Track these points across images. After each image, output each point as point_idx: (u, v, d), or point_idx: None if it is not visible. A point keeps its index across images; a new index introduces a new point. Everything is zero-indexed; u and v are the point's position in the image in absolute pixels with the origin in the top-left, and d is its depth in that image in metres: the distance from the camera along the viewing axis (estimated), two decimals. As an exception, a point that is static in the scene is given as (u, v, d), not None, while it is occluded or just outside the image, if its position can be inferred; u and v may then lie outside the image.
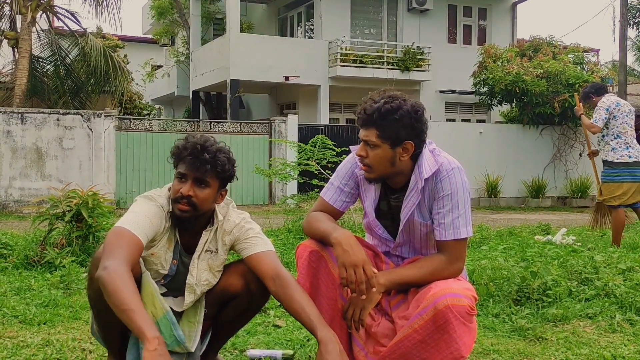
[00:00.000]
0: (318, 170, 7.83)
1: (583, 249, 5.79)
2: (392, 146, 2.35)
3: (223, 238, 2.52)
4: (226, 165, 2.41)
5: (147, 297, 2.36)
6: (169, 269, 2.49)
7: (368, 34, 19.59)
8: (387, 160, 2.36)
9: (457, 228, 2.37)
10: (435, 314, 2.19)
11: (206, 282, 2.53)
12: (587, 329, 3.50)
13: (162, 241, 2.45)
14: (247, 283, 2.50)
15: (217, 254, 2.53)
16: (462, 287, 2.29)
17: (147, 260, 2.45)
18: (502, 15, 20.77)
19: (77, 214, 5.15)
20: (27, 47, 14.27)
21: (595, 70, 16.16)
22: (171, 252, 2.48)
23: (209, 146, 2.38)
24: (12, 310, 3.66)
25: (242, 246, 2.49)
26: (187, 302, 2.52)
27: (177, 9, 21.08)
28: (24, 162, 12.22)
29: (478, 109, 19.68)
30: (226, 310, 2.60)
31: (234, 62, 17.30)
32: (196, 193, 2.37)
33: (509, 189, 16.10)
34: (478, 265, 4.53)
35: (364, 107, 2.39)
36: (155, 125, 14.03)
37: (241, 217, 2.54)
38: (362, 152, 2.38)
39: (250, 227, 2.51)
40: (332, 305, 2.42)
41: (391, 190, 2.50)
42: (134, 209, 2.37)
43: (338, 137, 13.89)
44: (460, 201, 2.37)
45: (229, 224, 2.51)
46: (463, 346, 2.20)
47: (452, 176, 2.37)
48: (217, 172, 2.38)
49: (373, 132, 2.35)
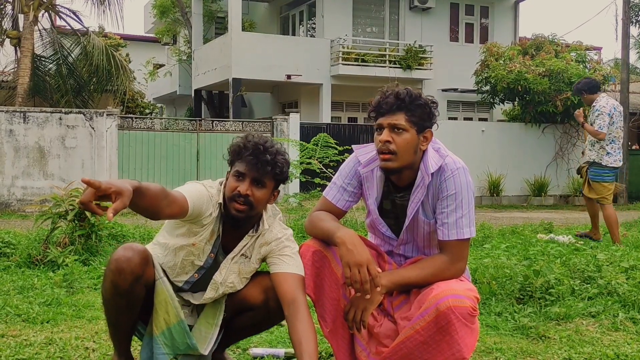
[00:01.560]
0: (320, 168, 7.83)
1: (586, 247, 5.79)
2: (418, 132, 2.37)
3: (260, 248, 2.51)
4: (284, 167, 2.42)
5: (160, 304, 2.37)
6: (204, 262, 2.48)
7: (370, 32, 19.58)
8: (412, 147, 2.37)
9: (460, 228, 2.37)
10: (437, 315, 2.19)
11: (231, 285, 2.52)
12: (590, 328, 3.50)
13: (206, 233, 2.43)
14: (268, 299, 2.49)
15: (249, 261, 2.52)
16: (464, 288, 2.29)
17: (185, 251, 2.44)
18: (504, 13, 20.74)
19: (79, 213, 5.16)
20: (30, 46, 14.28)
21: (598, 68, 16.12)
22: (210, 246, 2.46)
23: (269, 147, 2.38)
24: (15, 309, 3.67)
25: (273, 260, 2.46)
26: (206, 296, 2.51)
27: (179, 7, 21.08)
28: (27, 161, 12.24)
29: (480, 107, 19.65)
30: (241, 318, 2.60)
31: (236, 61, 17.30)
32: (254, 192, 2.36)
33: (512, 187, 16.08)
34: (480, 264, 4.52)
35: (388, 94, 2.39)
36: (157, 124, 14.03)
37: (284, 232, 2.53)
38: (389, 138, 2.35)
39: (288, 244, 2.49)
40: (335, 305, 2.42)
41: (396, 189, 2.50)
42: (183, 187, 2.38)
43: (340, 136, 13.89)
44: (464, 201, 2.37)
45: (271, 236, 2.50)
46: (465, 347, 2.20)
47: (456, 176, 2.37)
48: (276, 174, 2.39)
49: (402, 116, 2.35)
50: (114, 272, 2.31)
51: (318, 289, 2.41)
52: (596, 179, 6.65)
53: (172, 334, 2.35)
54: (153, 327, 2.42)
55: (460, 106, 20.14)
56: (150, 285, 2.38)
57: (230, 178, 2.41)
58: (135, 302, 2.36)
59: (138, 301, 2.36)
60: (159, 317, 2.37)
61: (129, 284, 2.30)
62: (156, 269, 2.40)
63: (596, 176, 6.65)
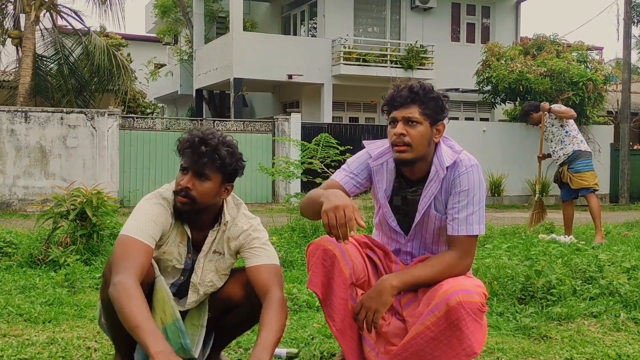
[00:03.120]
0: (322, 168, 7.82)
1: (587, 247, 5.78)
2: (431, 125, 2.41)
3: (229, 242, 2.49)
4: (227, 159, 2.35)
5: (157, 303, 2.35)
6: (184, 263, 2.47)
7: (371, 32, 19.57)
8: (426, 140, 2.40)
9: (470, 224, 2.39)
10: (448, 310, 2.19)
11: (210, 284, 2.51)
12: (592, 328, 3.49)
13: (172, 237, 2.43)
14: (248, 295, 2.47)
15: (223, 257, 2.51)
16: (473, 283, 2.31)
17: (161, 260, 2.44)
18: (506, 13, 20.73)
19: (81, 213, 5.17)
20: (31, 45, 14.29)
21: (599, 68, 16.10)
22: (184, 246, 2.45)
23: (209, 139, 2.34)
24: (17, 309, 3.67)
25: (246, 255, 2.45)
26: (189, 301, 2.50)
27: (180, 7, 21.09)
28: (28, 160, 12.24)
29: (481, 107, 19.64)
30: (228, 317, 2.59)
31: (237, 61, 17.30)
32: (195, 186, 2.33)
33: (513, 187, 16.07)
34: (482, 264, 4.52)
35: (402, 88, 2.42)
36: (158, 124, 14.04)
37: (250, 223, 2.49)
38: (403, 130, 2.38)
39: (256, 235, 2.46)
40: (343, 305, 2.41)
41: (408, 184, 2.51)
42: (136, 212, 2.36)
43: (341, 136, 13.88)
44: (476, 198, 2.40)
45: (237, 230, 2.47)
46: (475, 342, 2.20)
47: (470, 172, 2.41)
48: (218, 166, 2.34)
49: (416, 109, 2.39)
50: None
51: (326, 288, 2.40)
52: (588, 169, 6.94)
53: (167, 334, 2.34)
54: None
55: (461, 106, 20.13)
56: (149, 283, 2.37)
57: (178, 173, 2.40)
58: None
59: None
60: (156, 315, 2.35)
61: None
62: (154, 266, 2.38)
63: (585, 166, 6.94)
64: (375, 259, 2.54)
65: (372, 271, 2.52)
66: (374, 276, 2.51)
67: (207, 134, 2.37)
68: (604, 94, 16.19)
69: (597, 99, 15.92)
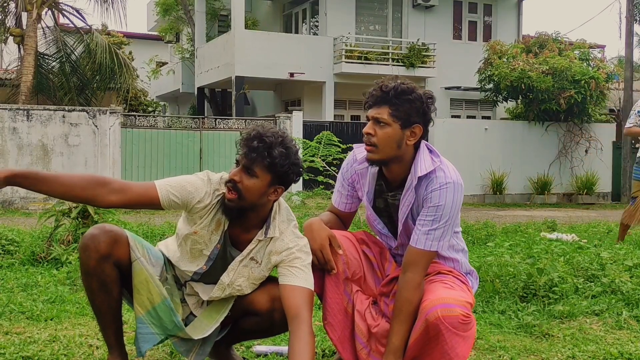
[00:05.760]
0: (323, 167, 7.82)
1: (589, 245, 5.78)
2: (402, 127, 2.34)
3: (270, 256, 2.43)
4: (278, 159, 2.28)
5: (141, 284, 2.33)
6: (211, 252, 2.43)
7: (373, 30, 19.55)
8: (394, 142, 2.34)
9: (429, 240, 2.34)
10: (427, 326, 2.20)
11: (238, 288, 2.47)
12: (594, 326, 3.49)
13: (206, 220, 2.38)
14: (274, 310, 2.43)
15: (259, 267, 2.46)
16: (453, 296, 2.26)
17: (190, 239, 2.41)
18: (508, 11, 20.69)
19: (83, 211, 5.16)
20: (33, 44, 14.31)
21: (601, 66, 16.10)
22: (217, 236, 2.42)
23: (265, 137, 2.29)
24: (19, 307, 3.67)
25: (282, 271, 2.38)
26: (212, 295, 2.47)
27: (182, 5, 21.09)
28: (30, 158, 12.26)
29: (483, 105, 19.63)
30: (246, 321, 2.56)
31: (238, 59, 17.30)
32: (242, 180, 2.30)
33: (515, 185, 16.07)
34: (484, 262, 4.52)
35: (378, 86, 2.39)
36: (160, 122, 14.05)
37: (296, 242, 2.41)
38: (371, 130, 2.35)
39: (299, 256, 2.38)
40: (338, 303, 2.45)
41: (388, 188, 2.50)
42: (171, 177, 2.37)
43: (343, 134, 13.87)
44: (443, 216, 2.33)
45: (282, 245, 2.41)
46: (456, 357, 2.20)
47: (444, 190, 2.33)
48: (267, 164, 2.28)
49: (385, 110, 2.33)
50: (80, 249, 2.31)
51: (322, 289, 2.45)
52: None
53: (158, 313, 2.32)
54: (137, 308, 2.36)
55: (463, 104, 20.11)
56: (125, 266, 2.33)
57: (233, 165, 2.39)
58: (108, 283, 2.31)
59: (111, 283, 2.32)
60: (142, 297, 2.32)
61: (95, 261, 2.27)
62: (133, 249, 2.34)
63: None
64: (370, 257, 2.55)
65: (367, 267, 2.52)
66: (370, 273, 2.52)
67: (266, 131, 2.31)
68: (606, 92, 16.19)
69: (599, 97, 15.91)
